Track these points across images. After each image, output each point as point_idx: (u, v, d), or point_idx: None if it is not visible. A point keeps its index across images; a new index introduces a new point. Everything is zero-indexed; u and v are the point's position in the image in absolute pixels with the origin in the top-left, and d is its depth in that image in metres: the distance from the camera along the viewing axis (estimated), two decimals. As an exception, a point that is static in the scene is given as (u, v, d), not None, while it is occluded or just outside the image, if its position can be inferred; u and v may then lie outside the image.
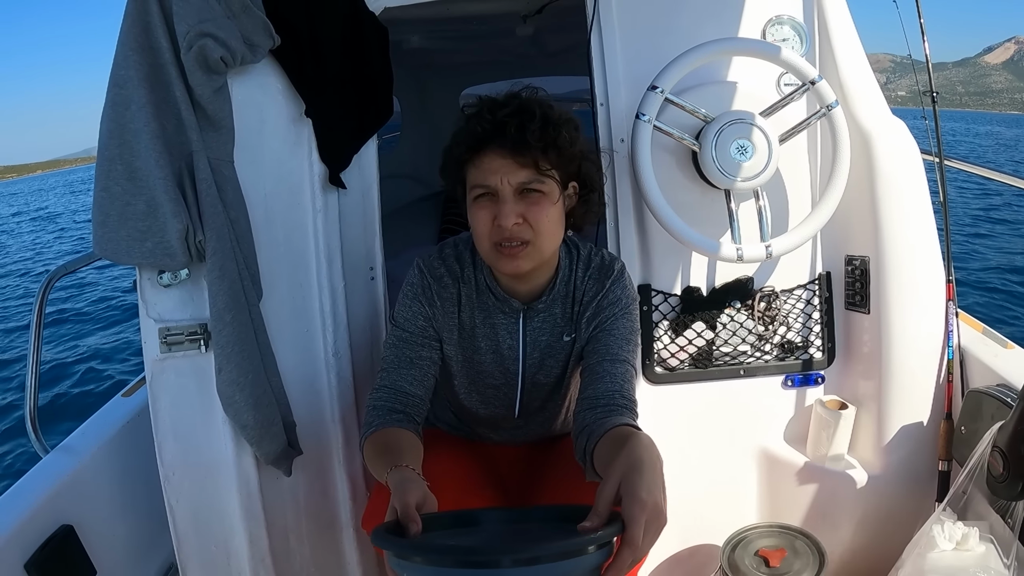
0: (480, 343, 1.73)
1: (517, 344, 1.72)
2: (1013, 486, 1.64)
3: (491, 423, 1.86)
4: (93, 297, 11.81)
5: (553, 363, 1.74)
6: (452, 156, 1.57)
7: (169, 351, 1.77)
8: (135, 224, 1.66)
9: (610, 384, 1.55)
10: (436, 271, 1.69)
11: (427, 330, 1.68)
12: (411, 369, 1.66)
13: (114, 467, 2.05)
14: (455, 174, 1.58)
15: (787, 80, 2.08)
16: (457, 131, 1.56)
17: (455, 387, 1.80)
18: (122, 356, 8.33)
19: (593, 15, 2.06)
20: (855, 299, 2.09)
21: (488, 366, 1.75)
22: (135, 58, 1.63)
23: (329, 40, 1.92)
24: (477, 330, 1.72)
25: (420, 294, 1.68)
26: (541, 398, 1.80)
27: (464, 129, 1.53)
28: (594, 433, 1.44)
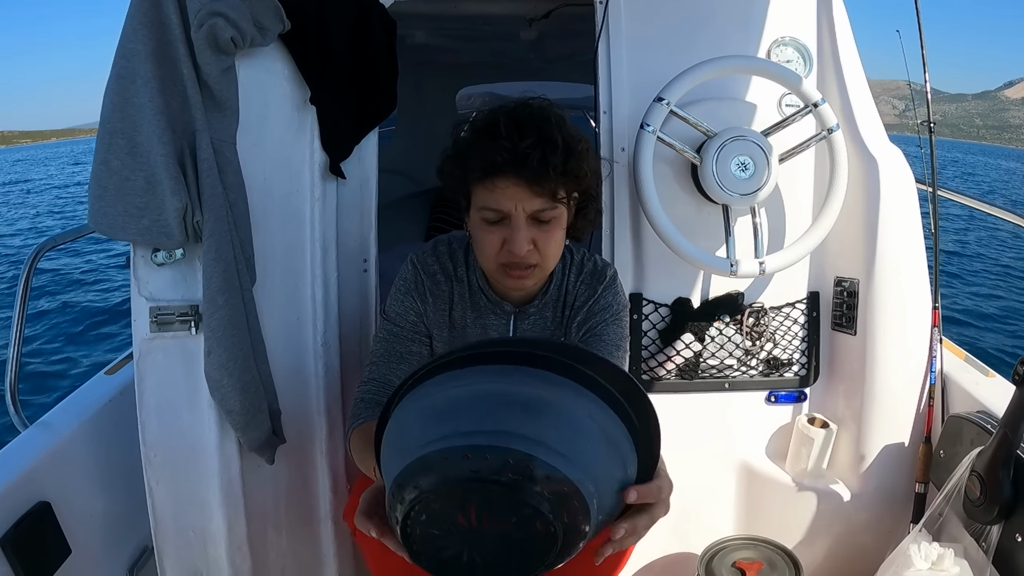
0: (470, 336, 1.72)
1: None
2: (989, 510, 1.68)
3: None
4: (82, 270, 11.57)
5: None
6: (459, 168, 1.51)
7: (159, 331, 1.74)
8: (133, 200, 1.63)
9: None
10: (430, 268, 1.69)
11: (418, 325, 1.68)
12: (400, 364, 1.66)
13: (94, 445, 2.01)
14: (459, 185, 1.54)
15: (788, 101, 2.12)
16: (465, 142, 1.50)
17: None
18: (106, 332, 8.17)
19: (602, 24, 2.07)
20: (842, 320, 2.11)
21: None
22: (144, 32, 1.61)
23: (338, 29, 1.91)
24: (468, 329, 1.71)
25: (413, 289, 1.67)
26: None
27: (473, 144, 1.46)
28: None
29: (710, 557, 2.01)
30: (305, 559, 2.01)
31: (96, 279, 11.03)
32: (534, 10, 2.51)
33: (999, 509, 1.66)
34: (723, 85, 2.07)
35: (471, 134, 1.49)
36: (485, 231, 1.50)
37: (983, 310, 9.97)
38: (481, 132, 1.46)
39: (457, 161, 1.51)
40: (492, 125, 1.44)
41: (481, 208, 1.49)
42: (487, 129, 1.44)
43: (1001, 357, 7.15)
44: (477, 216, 1.51)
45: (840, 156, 1.93)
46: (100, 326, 8.44)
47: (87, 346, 7.75)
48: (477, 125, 1.48)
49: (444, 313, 1.70)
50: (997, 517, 1.67)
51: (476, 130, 1.47)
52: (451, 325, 1.71)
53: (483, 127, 1.46)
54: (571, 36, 2.55)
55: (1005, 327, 9.14)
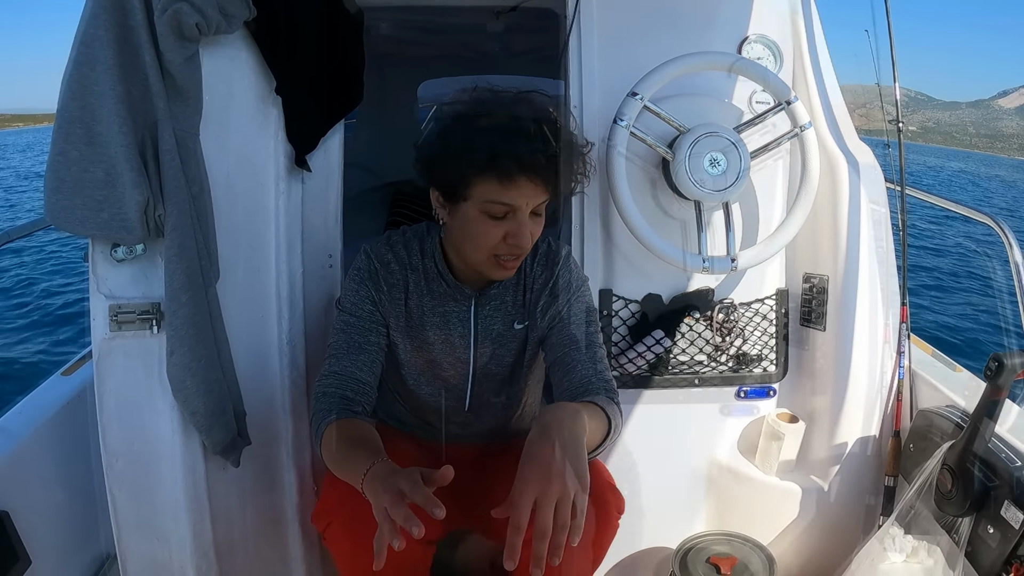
0: (429, 332, 1.71)
1: (469, 332, 1.72)
2: (961, 503, 1.71)
3: (440, 414, 1.82)
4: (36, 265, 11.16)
5: (505, 352, 1.74)
6: (462, 161, 1.48)
7: (119, 330, 1.67)
8: (91, 193, 1.55)
9: (583, 370, 1.62)
10: (383, 256, 1.68)
11: (375, 314, 1.67)
12: (360, 354, 1.64)
13: (52, 450, 1.92)
14: (455, 177, 1.50)
15: (759, 98, 2.12)
16: (476, 135, 1.46)
17: (403, 376, 1.77)
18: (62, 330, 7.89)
19: (573, 18, 2.05)
20: (811, 316, 2.13)
21: (438, 355, 1.73)
22: (105, 17, 1.53)
23: (305, 18, 1.86)
24: (426, 318, 1.71)
25: (367, 278, 1.67)
26: (492, 389, 1.79)
27: (495, 140, 1.44)
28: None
29: (684, 553, 2.00)
30: (273, 563, 1.96)
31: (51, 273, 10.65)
32: (502, 2, 2.48)
33: (970, 502, 1.69)
34: (696, 81, 2.06)
35: (484, 127, 1.46)
36: (488, 224, 1.50)
37: (950, 307, 10.24)
38: (504, 130, 1.44)
39: (462, 154, 1.47)
40: (518, 124, 1.45)
41: (488, 202, 1.48)
42: (513, 127, 1.45)
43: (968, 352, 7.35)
44: (478, 209, 1.50)
45: (811, 153, 1.93)
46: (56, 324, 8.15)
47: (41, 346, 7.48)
48: (493, 120, 1.47)
49: (400, 303, 1.70)
50: (968, 510, 1.70)
51: (494, 126, 1.46)
52: (408, 315, 1.71)
53: (506, 125, 1.45)
54: (538, 31, 2.53)
55: (972, 324, 9.39)
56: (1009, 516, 1.62)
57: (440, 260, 1.68)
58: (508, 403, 1.83)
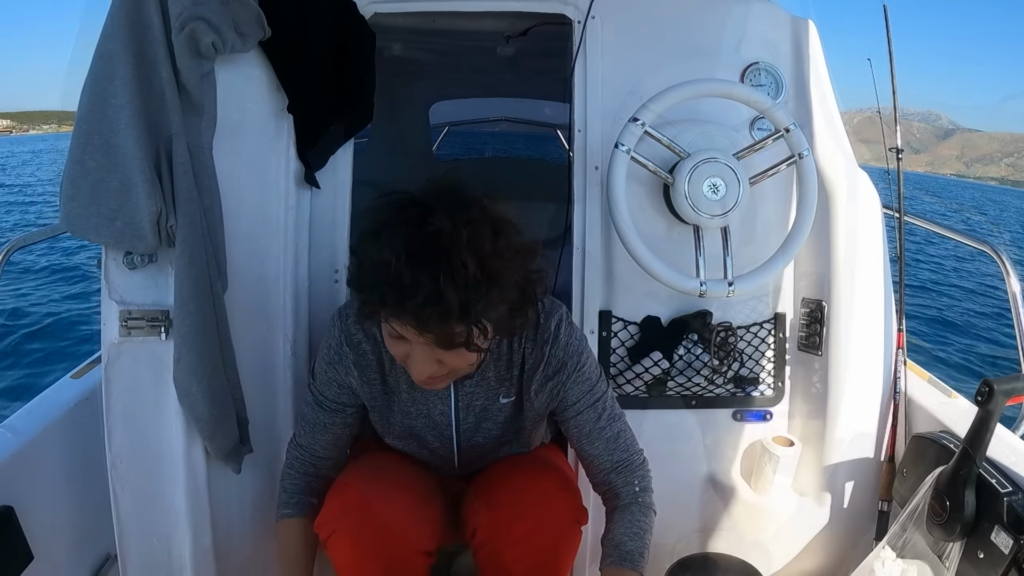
0: (410, 407, 1.68)
1: (449, 409, 1.68)
2: (951, 528, 1.72)
3: (435, 466, 1.82)
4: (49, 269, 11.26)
5: (491, 425, 1.71)
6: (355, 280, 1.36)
7: (128, 335, 1.72)
8: (107, 201, 1.61)
9: (604, 468, 1.67)
10: (353, 338, 1.60)
11: (340, 397, 1.66)
12: (324, 434, 1.71)
13: (58, 450, 1.97)
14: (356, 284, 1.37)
15: (760, 125, 2.16)
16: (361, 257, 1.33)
17: (388, 443, 1.78)
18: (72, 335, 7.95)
19: (579, 44, 2.11)
20: (808, 341, 2.15)
21: (420, 430, 1.71)
22: (125, 32, 1.60)
23: (318, 38, 1.92)
24: (404, 395, 1.66)
25: (336, 361, 1.62)
26: (481, 453, 1.77)
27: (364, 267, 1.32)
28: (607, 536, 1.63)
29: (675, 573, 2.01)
30: (271, 570, 1.98)
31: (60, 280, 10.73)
32: (512, 27, 2.54)
33: (961, 527, 1.70)
34: (697, 107, 2.10)
35: (365, 248, 1.32)
36: (389, 341, 1.41)
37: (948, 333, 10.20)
38: (371, 261, 1.29)
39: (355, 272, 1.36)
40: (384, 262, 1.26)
41: (393, 332, 1.36)
42: (377, 261, 1.27)
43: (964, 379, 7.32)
44: (387, 332, 1.39)
45: (809, 180, 1.96)
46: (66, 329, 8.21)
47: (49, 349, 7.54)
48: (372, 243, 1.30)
49: (376, 383, 1.65)
50: (959, 534, 1.71)
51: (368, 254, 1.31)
52: (385, 392, 1.66)
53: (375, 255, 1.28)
54: (547, 54, 2.58)
55: (969, 350, 9.35)
56: (999, 541, 1.63)
57: None
58: (501, 453, 1.81)
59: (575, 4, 2.11)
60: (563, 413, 1.67)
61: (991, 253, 2.27)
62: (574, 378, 1.62)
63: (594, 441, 1.65)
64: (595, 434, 1.65)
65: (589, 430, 1.65)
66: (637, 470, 1.68)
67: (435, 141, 4.78)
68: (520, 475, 1.69)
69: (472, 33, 2.71)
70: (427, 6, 2.13)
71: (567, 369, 1.61)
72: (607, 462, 1.66)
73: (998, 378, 1.67)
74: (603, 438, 1.65)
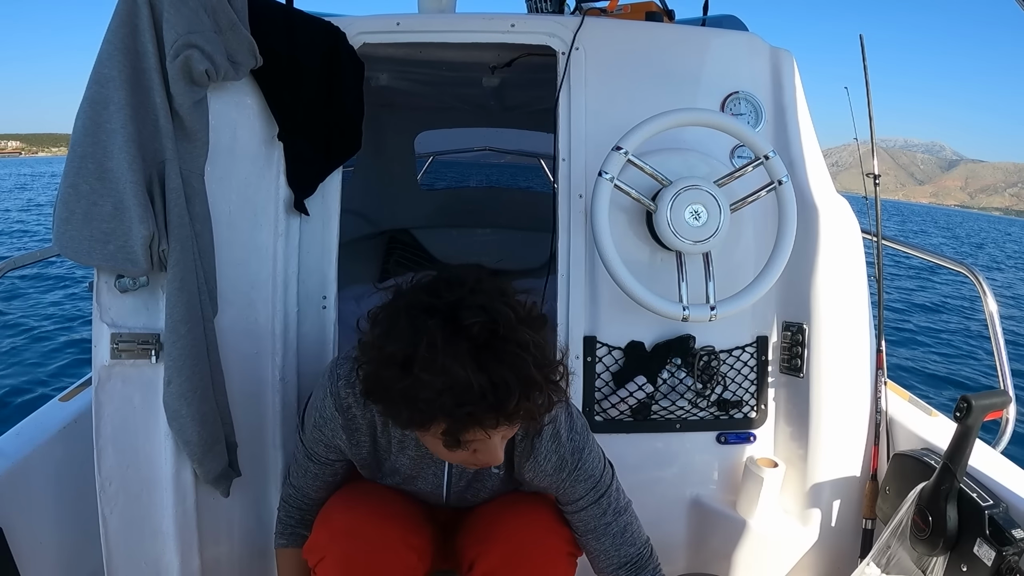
0: (399, 467, 1.65)
1: (442, 474, 1.67)
2: (934, 542, 1.75)
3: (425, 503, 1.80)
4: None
5: (480, 487, 1.70)
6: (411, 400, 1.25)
7: (119, 358, 1.73)
8: (100, 225, 1.63)
9: (617, 546, 1.63)
10: (343, 402, 1.55)
11: (329, 455, 1.66)
12: (316, 481, 1.72)
13: (47, 472, 1.96)
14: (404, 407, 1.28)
15: (740, 152, 2.21)
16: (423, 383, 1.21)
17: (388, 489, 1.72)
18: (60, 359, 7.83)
19: (564, 75, 2.16)
20: (790, 363, 2.19)
21: (410, 486, 1.69)
22: (120, 58, 1.63)
23: (309, 68, 1.97)
24: (394, 454, 1.63)
25: (323, 424, 1.59)
26: (472, 504, 1.75)
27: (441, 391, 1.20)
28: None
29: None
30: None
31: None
32: (497, 58, 2.59)
33: (944, 541, 1.73)
34: (679, 136, 2.16)
35: (425, 381, 1.21)
36: (445, 453, 1.37)
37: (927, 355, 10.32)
38: (443, 390, 1.20)
39: (413, 411, 1.27)
40: (462, 383, 1.19)
41: (447, 435, 1.30)
42: (453, 385, 1.20)
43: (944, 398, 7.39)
44: (435, 439, 1.33)
45: (789, 206, 2.00)
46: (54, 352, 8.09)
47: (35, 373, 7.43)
48: (431, 372, 1.20)
49: (365, 444, 1.61)
50: (942, 549, 1.74)
51: (433, 385, 1.21)
52: (375, 451, 1.63)
53: (443, 382, 1.20)
54: (532, 85, 2.63)
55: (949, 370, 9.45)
56: (982, 554, 1.67)
57: None
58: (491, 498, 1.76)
59: (559, 36, 2.17)
60: (566, 507, 1.64)
61: (968, 274, 2.33)
62: (575, 476, 1.59)
63: (600, 537, 1.63)
64: (601, 530, 1.62)
65: (594, 526, 1.62)
66: (647, 565, 1.66)
67: (420, 169, 4.84)
68: (516, 508, 1.69)
69: (458, 64, 2.76)
70: (415, 37, 2.18)
71: (567, 467, 1.58)
72: (615, 558, 1.63)
73: (976, 394, 1.71)
74: (609, 534, 1.62)
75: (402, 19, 2.17)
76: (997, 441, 2.16)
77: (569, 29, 2.16)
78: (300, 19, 1.97)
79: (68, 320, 9.22)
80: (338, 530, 1.59)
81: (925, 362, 9.79)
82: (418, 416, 1.26)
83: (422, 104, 4.16)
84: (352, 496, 1.70)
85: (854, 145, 2.33)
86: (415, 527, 1.68)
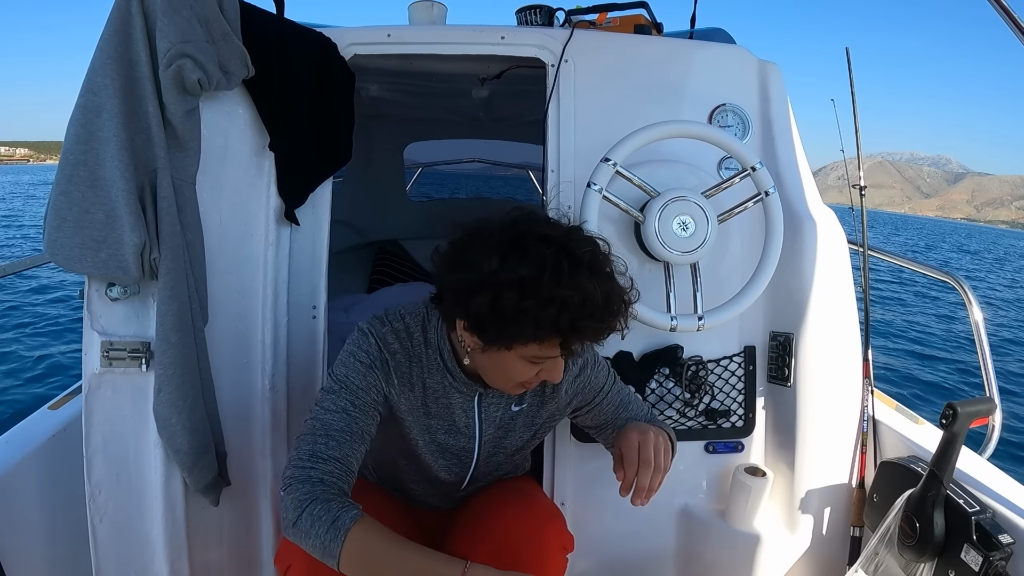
0: (434, 422, 1.68)
1: (473, 422, 1.71)
2: (922, 548, 1.77)
3: (432, 492, 1.83)
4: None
5: (504, 435, 1.75)
6: (519, 332, 1.39)
7: (110, 366, 1.73)
8: (91, 233, 1.63)
9: (639, 409, 1.87)
10: (391, 346, 1.59)
11: (378, 403, 1.58)
12: (360, 444, 1.53)
13: (36, 481, 1.95)
14: (505, 337, 1.41)
15: (727, 164, 2.24)
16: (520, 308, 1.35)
17: (418, 454, 1.71)
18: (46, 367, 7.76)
19: (553, 87, 2.18)
20: (777, 372, 2.20)
21: (442, 440, 1.71)
22: (113, 67, 1.63)
23: (300, 78, 1.98)
24: (430, 408, 1.66)
25: (377, 366, 1.57)
26: (492, 467, 1.82)
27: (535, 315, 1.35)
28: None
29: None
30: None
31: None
32: (487, 70, 2.61)
33: (931, 547, 1.75)
34: (667, 148, 2.18)
35: (549, 300, 1.34)
36: (525, 366, 1.48)
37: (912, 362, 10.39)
38: (572, 308, 1.35)
39: (522, 324, 1.37)
40: (586, 301, 1.36)
41: (534, 356, 1.45)
42: (579, 303, 1.35)
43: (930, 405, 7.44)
44: (519, 356, 1.45)
45: (776, 217, 2.03)
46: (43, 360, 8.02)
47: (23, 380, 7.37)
48: (557, 294, 1.34)
49: (407, 392, 1.63)
50: (930, 555, 1.76)
51: (561, 301, 1.35)
52: (412, 404, 1.65)
53: (574, 301, 1.35)
54: (521, 97, 2.65)
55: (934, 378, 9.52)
56: (969, 559, 1.68)
57: (450, 358, 1.61)
58: (501, 474, 1.88)
59: (549, 48, 2.19)
60: (593, 401, 1.80)
61: (953, 284, 2.36)
62: (595, 369, 1.78)
63: (628, 406, 1.85)
64: (626, 401, 1.84)
65: (621, 399, 1.83)
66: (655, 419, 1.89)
67: (409, 180, 4.86)
68: (510, 505, 1.73)
69: (448, 75, 2.78)
70: (405, 49, 2.20)
71: (589, 364, 1.76)
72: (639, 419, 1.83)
73: (961, 401, 1.73)
74: (633, 400, 1.87)
75: (393, 31, 2.19)
76: (983, 448, 2.18)
77: (558, 41, 2.19)
78: (292, 30, 1.98)
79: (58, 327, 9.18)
80: None
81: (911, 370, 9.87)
82: (530, 331, 1.38)
83: (412, 115, 4.18)
84: None
85: (868, 159, 2.37)
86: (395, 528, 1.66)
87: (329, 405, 1.53)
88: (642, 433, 1.62)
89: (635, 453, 1.59)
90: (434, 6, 2.46)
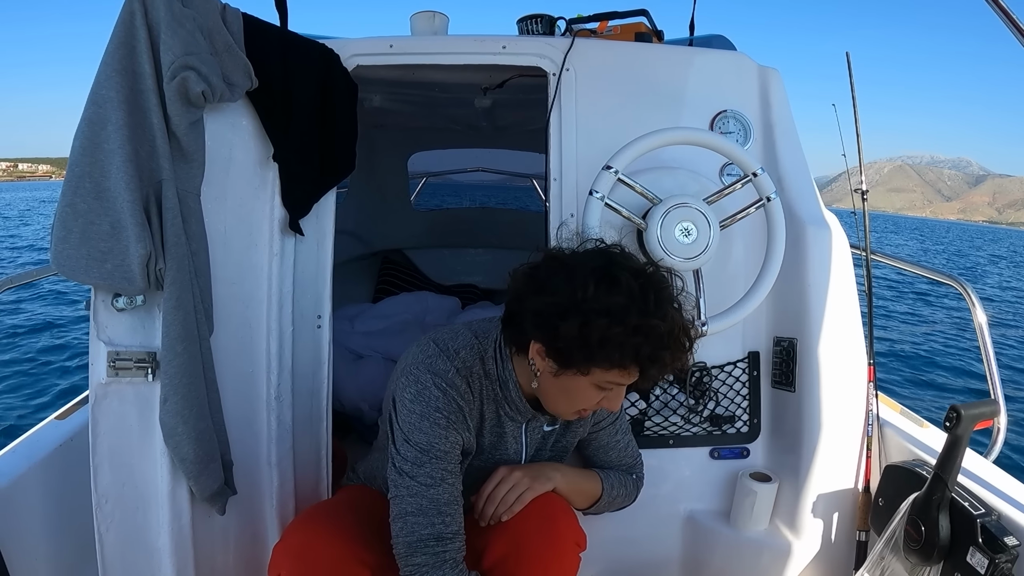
0: (485, 452, 1.74)
1: (521, 447, 1.78)
2: (928, 552, 1.76)
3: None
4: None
5: (535, 453, 1.83)
6: (603, 358, 1.44)
7: (116, 376, 1.74)
8: (97, 244, 1.64)
9: (621, 458, 1.97)
10: (460, 388, 1.62)
11: (460, 454, 1.64)
12: (462, 502, 1.62)
13: (44, 490, 1.96)
14: (587, 362, 1.46)
15: (729, 170, 2.25)
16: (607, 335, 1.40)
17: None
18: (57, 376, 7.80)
19: (555, 96, 2.19)
20: (781, 378, 2.20)
21: (486, 467, 1.76)
22: (117, 79, 1.65)
23: (303, 89, 1.99)
24: (484, 437, 1.72)
25: (455, 422, 1.60)
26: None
27: (620, 343, 1.41)
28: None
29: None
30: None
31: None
32: (489, 79, 2.63)
33: (937, 550, 1.74)
34: (668, 155, 2.19)
35: (635, 330, 1.41)
36: (593, 392, 1.53)
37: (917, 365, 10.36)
38: (654, 339, 1.42)
39: (606, 351, 1.43)
40: (665, 334, 1.43)
41: (607, 382, 1.50)
42: (660, 336, 1.42)
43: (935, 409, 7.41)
44: (591, 382, 1.50)
45: (778, 222, 2.03)
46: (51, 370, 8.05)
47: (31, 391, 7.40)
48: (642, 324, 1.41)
49: (472, 429, 1.67)
50: (936, 558, 1.75)
51: (647, 332, 1.41)
52: (484, 435, 1.73)
53: (656, 334, 1.42)
54: (523, 106, 2.66)
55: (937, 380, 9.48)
56: (975, 562, 1.68)
57: (515, 388, 1.66)
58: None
59: (550, 57, 2.20)
60: (590, 432, 1.89)
61: (957, 287, 2.35)
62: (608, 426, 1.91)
63: (609, 451, 1.94)
64: (611, 445, 1.94)
65: (606, 442, 1.93)
66: (634, 470, 2.00)
67: (413, 190, 4.88)
68: None
69: (450, 85, 2.79)
70: (407, 59, 2.21)
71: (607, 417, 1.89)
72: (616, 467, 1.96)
73: (965, 403, 1.73)
74: (617, 448, 1.95)
75: (395, 41, 2.21)
76: (988, 451, 2.18)
77: (560, 50, 2.20)
78: (295, 41, 1.99)
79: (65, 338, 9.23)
80: (292, 547, 1.59)
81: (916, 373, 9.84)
82: (614, 357, 1.43)
83: (415, 125, 4.20)
84: (313, 515, 1.70)
85: (879, 164, 2.38)
86: (369, 544, 1.64)
87: (426, 479, 1.56)
88: (509, 471, 1.72)
89: (491, 484, 1.71)
90: (436, 16, 2.48)
